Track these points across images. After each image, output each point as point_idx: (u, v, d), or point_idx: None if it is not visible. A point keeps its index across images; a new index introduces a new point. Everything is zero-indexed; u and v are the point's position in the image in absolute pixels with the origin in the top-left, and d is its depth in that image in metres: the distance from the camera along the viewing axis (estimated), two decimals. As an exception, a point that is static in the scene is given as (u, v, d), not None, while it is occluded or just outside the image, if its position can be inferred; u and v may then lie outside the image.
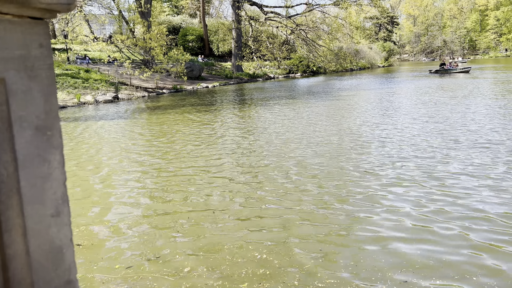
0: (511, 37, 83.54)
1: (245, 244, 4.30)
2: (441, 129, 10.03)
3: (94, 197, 6.13)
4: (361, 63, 56.28)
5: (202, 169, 7.43)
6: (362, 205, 5.29)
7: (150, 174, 7.27)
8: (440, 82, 25.65)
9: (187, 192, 6.10)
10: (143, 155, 8.77)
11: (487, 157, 7.25)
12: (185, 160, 8.17)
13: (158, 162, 8.13)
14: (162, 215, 5.28)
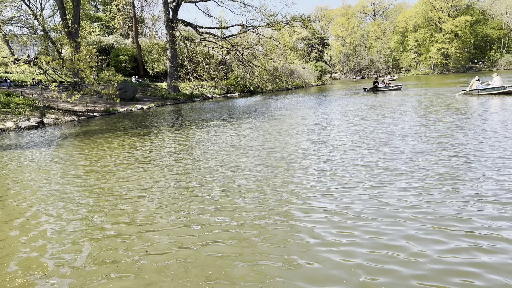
0: (429, 56, 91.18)
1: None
2: (373, 143, 10.33)
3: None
4: (296, 82, 58.11)
5: (134, 197, 6.87)
6: (284, 228, 5.11)
7: (77, 208, 6.57)
8: (375, 99, 26.93)
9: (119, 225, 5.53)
10: (71, 186, 7.98)
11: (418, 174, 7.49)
12: (116, 188, 7.54)
13: (86, 192, 7.42)
14: (95, 257, 4.69)
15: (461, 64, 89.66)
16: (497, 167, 7.57)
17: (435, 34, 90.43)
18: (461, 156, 8.62)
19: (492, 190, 6.27)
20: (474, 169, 7.54)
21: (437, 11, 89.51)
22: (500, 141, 9.89)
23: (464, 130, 11.94)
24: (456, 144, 9.87)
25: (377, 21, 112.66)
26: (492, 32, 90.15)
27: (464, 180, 6.89)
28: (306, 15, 40.75)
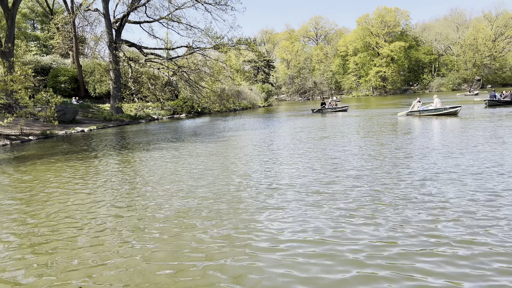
0: (368, 78, 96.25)
1: None
2: (321, 163, 10.46)
3: None
4: (243, 103, 58.59)
5: (71, 230, 6.31)
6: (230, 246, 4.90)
7: (7, 242, 5.88)
8: (323, 120, 27.60)
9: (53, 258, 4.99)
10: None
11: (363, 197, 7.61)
12: (54, 220, 6.90)
13: (21, 223, 6.71)
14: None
15: (398, 86, 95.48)
16: (428, 184, 7.88)
17: (373, 58, 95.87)
18: (399, 175, 8.91)
19: (417, 212, 6.47)
20: (407, 187, 7.79)
21: (374, 37, 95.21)
22: (434, 159, 10.39)
23: (403, 149, 12.46)
24: (394, 163, 10.23)
25: (319, 45, 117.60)
26: (424, 57, 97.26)
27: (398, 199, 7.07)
28: (252, 38, 41.48)
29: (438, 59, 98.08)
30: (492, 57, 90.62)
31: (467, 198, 6.84)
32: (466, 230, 5.44)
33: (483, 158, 10.12)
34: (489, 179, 7.99)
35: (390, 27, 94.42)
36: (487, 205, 6.39)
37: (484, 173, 8.52)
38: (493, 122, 18.44)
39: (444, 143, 13.00)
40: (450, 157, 10.53)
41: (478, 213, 6.05)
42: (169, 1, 37.79)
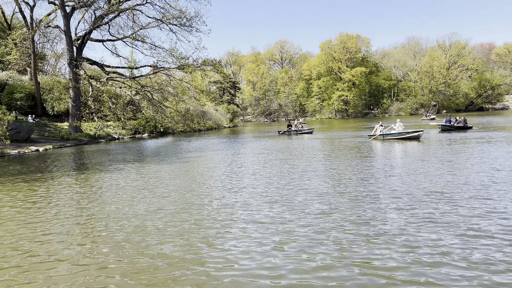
0: (331, 102, 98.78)
1: None
2: (283, 186, 10.42)
3: None
4: (209, 123, 58.37)
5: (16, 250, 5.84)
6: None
7: None
8: (289, 142, 27.78)
9: None
10: None
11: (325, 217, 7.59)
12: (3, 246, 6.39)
13: None
14: None
15: (359, 110, 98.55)
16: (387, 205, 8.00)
17: (336, 82, 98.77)
18: (358, 197, 9.00)
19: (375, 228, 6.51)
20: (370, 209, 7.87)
21: (337, 62, 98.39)
22: (392, 182, 10.62)
23: (366, 172, 12.68)
24: (355, 184, 10.35)
25: (284, 68, 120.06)
26: (383, 82, 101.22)
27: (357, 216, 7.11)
28: (218, 60, 41.71)
29: (397, 85, 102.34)
30: (446, 84, 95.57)
31: (417, 219, 6.96)
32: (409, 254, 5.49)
33: (441, 181, 10.44)
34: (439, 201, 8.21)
35: (351, 53, 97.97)
36: (427, 229, 6.52)
37: (431, 197, 8.76)
38: (451, 146, 19.24)
39: (403, 166, 13.36)
40: (406, 179, 10.80)
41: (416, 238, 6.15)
42: (133, 21, 37.47)
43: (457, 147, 18.89)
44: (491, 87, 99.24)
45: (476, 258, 5.28)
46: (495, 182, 9.98)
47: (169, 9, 36.56)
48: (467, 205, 7.92)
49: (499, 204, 7.84)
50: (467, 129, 31.07)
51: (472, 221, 6.84)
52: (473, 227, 6.55)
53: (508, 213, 7.23)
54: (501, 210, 7.45)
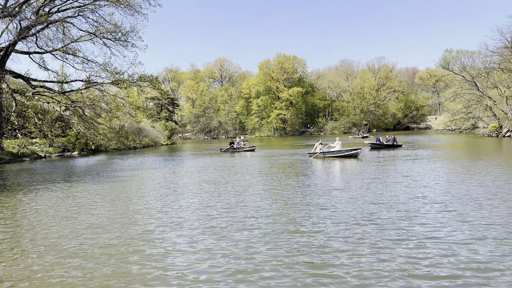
0: (270, 120, 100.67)
1: None
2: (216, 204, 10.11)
3: None
4: (145, 141, 56.49)
5: None
6: None
7: None
8: (231, 160, 27.41)
9: None
10: None
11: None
12: None
13: None
14: None
15: (296, 128, 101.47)
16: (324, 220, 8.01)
17: (274, 101, 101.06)
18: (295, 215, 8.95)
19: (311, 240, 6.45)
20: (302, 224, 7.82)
21: (275, 82, 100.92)
22: (331, 196, 10.76)
23: (307, 189, 12.76)
24: (295, 202, 10.33)
25: (224, 86, 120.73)
26: (319, 102, 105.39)
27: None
28: (155, 76, 40.78)
29: (331, 105, 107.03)
30: (376, 105, 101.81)
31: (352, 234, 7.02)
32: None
33: (374, 196, 10.75)
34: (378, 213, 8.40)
35: (289, 73, 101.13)
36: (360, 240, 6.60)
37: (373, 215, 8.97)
38: (385, 163, 20.17)
39: (342, 183, 13.66)
40: (343, 195, 11.00)
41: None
42: (64, 33, 35.53)
43: (389, 164, 19.86)
44: (416, 108, 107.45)
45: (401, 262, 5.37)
46: (421, 196, 10.51)
47: (103, 23, 35.18)
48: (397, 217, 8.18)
49: (424, 218, 8.18)
50: (397, 147, 32.96)
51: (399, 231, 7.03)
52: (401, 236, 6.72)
53: (430, 224, 7.56)
54: (423, 221, 7.77)
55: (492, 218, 8.19)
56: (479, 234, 7.16)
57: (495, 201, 9.79)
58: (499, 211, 8.77)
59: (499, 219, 8.14)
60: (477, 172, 15.41)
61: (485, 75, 54.42)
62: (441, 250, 6.35)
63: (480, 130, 53.23)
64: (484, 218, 8.25)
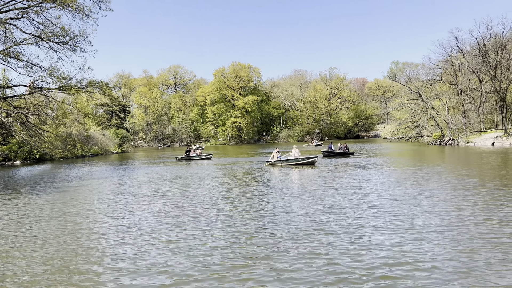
0: (225, 128, 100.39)
1: None
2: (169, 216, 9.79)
3: None
4: (94, 149, 54.23)
5: None
6: None
7: None
8: (187, 168, 26.78)
9: None
10: None
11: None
12: None
13: None
14: None
15: (252, 136, 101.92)
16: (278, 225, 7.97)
17: (229, 109, 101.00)
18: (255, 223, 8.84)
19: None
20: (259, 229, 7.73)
21: (230, 90, 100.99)
22: (288, 203, 10.76)
23: (264, 196, 12.68)
24: (251, 210, 10.22)
25: (178, 93, 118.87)
26: (273, 111, 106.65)
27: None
28: (105, 82, 39.30)
29: (286, 113, 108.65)
30: (328, 114, 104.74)
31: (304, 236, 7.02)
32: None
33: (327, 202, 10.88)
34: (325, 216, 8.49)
35: (244, 81, 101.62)
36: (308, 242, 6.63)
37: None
38: (339, 170, 20.60)
39: (299, 190, 13.73)
40: (298, 201, 11.05)
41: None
42: (6, 36, 33.39)
43: (343, 171, 20.34)
44: (365, 117, 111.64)
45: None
46: (371, 203, 10.80)
47: (50, 25, 33.38)
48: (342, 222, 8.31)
49: (372, 219, 8.39)
50: (349, 155, 33.92)
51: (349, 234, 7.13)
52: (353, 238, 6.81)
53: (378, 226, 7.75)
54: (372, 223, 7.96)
55: (436, 222, 8.53)
56: (416, 235, 7.42)
57: (440, 207, 10.24)
58: (443, 217, 9.16)
59: (444, 223, 8.49)
60: (422, 179, 16.13)
61: (429, 87, 57.59)
62: (387, 252, 6.49)
63: (425, 138, 56.12)
64: (427, 222, 8.58)
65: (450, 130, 48.15)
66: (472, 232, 7.83)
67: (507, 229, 7.97)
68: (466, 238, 7.47)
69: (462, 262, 6.21)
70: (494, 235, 7.59)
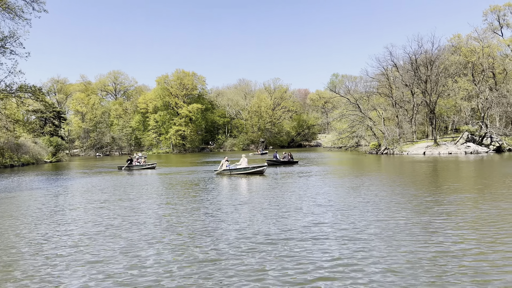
0: (169, 136, 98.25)
1: None
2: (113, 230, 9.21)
3: None
4: (25, 158, 50.40)
5: None
6: None
7: None
8: (129, 179, 25.46)
9: None
10: None
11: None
12: None
13: None
14: None
15: (196, 145, 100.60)
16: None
17: (173, 117, 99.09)
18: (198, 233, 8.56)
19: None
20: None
21: (174, 97, 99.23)
22: (234, 213, 10.56)
23: (212, 206, 12.36)
24: (198, 221, 9.90)
25: (118, 100, 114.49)
26: (218, 119, 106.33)
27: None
28: (38, 87, 36.88)
29: (231, 122, 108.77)
30: (272, 123, 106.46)
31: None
32: None
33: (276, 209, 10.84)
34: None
35: (188, 89, 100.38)
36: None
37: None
38: (287, 179, 20.76)
39: (248, 199, 13.57)
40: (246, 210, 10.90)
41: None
42: None
43: (289, 179, 20.58)
44: (307, 127, 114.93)
45: None
46: (315, 209, 10.97)
47: (-25, 24, 30.87)
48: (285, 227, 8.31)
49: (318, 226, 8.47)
50: (293, 164, 34.50)
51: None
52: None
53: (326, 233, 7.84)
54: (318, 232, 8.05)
55: (373, 229, 8.81)
56: (351, 235, 7.60)
57: (379, 214, 10.62)
58: (380, 224, 9.49)
59: (380, 230, 8.78)
60: (361, 187, 16.76)
61: (366, 98, 60.60)
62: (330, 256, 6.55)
63: (363, 147, 58.78)
64: (365, 229, 8.84)
65: (386, 140, 50.83)
66: (406, 238, 8.15)
67: (434, 236, 8.40)
68: (401, 243, 7.75)
69: (398, 267, 6.40)
70: (423, 240, 7.96)
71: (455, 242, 7.76)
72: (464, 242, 7.81)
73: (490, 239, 7.95)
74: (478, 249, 7.26)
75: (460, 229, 8.82)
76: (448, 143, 47.66)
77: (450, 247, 7.45)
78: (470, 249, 7.31)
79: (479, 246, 7.45)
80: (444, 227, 9.01)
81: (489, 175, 20.67)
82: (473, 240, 7.90)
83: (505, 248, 7.25)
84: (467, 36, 53.63)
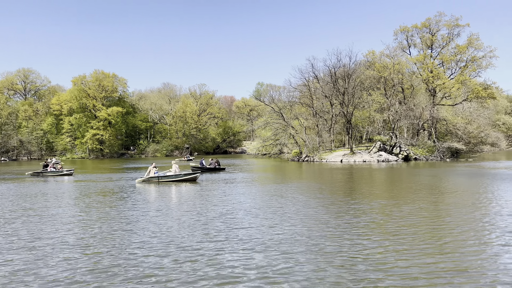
0: (85, 141, 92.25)
1: None
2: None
3: None
4: None
5: None
6: None
7: None
8: (45, 186, 23.08)
9: None
10: None
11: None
12: None
13: None
14: None
15: (115, 150, 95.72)
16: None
17: (90, 120, 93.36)
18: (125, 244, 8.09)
19: None
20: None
21: (92, 99, 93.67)
22: (157, 223, 10.16)
23: (133, 217, 11.72)
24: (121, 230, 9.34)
25: (28, 100, 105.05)
26: (140, 124, 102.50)
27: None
28: None
29: (154, 127, 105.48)
30: (197, 129, 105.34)
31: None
32: None
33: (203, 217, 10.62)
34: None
35: (107, 91, 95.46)
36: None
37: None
38: (213, 186, 20.49)
39: (168, 209, 13.10)
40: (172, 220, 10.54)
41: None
42: None
43: (216, 187, 20.40)
44: (233, 133, 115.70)
45: None
46: (240, 217, 11.01)
47: None
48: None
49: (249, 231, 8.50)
50: (220, 170, 34.34)
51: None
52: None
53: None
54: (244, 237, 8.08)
55: (300, 234, 9.08)
56: (276, 239, 7.79)
57: (303, 218, 10.97)
58: (303, 229, 9.81)
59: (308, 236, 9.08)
60: (284, 194, 17.25)
61: (289, 108, 62.73)
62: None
63: (285, 155, 60.69)
64: (282, 235, 9.07)
65: (307, 148, 53.01)
66: (323, 242, 8.51)
67: (345, 235, 8.90)
68: (319, 248, 8.07)
69: (316, 271, 6.64)
70: (339, 243, 8.38)
71: (365, 239, 8.28)
72: (371, 238, 8.37)
73: (395, 236, 8.61)
74: (382, 244, 7.81)
75: (368, 228, 9.45)
76: (362, 151, 51.09)
77: (360, 242, 7.92)
78: (376, 244, 7.83)
79: (384, 242, 8.02)
80: (355, 227, 9.57)
81: (398, 182, 22.53)
82: (378, 236, 8.51)
83: (407, 242, 7.89)
84: (380, 53, 58.07)
